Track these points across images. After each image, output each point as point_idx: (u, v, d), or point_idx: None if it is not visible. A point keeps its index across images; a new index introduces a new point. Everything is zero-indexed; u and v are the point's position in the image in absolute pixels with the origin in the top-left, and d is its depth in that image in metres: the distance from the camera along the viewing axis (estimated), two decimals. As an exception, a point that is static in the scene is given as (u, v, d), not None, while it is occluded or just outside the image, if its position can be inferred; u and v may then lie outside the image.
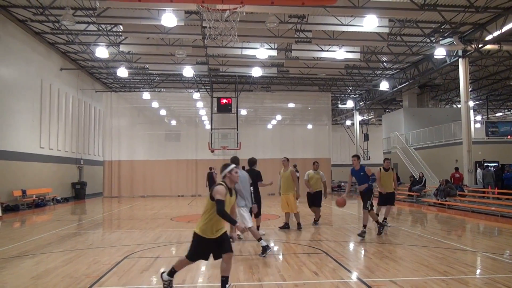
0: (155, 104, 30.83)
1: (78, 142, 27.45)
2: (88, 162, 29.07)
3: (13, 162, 19.10)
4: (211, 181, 20.76)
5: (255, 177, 10.10)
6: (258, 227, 10.34)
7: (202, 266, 7.32)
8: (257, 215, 10.31)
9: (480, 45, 19.80)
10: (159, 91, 32.24)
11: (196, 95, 31.24)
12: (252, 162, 10.41)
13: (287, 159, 11.37)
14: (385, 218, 11.87)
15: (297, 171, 20.77)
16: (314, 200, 12.72)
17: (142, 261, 7.63)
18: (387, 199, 11.89)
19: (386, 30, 19.47)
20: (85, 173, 28.20)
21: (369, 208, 10.22)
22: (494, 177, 20.46)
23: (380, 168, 11.93)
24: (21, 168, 19.86)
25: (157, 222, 14.04)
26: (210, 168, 21.82)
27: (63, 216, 17.27)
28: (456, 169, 21.36)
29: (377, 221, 10.61)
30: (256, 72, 24.76)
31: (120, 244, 9.60)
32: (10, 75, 19.11)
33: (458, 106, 29.85)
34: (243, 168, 10.89)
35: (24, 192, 19.52)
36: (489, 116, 37.09)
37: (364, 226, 10.13)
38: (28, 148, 20.48)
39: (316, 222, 12.85)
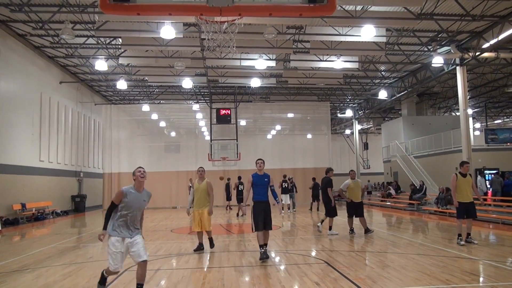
0: (154, 116, 30.88)
1: (78, 155, 27.44)
2: (87, 174, 29.03)
3: (12, 175, 19.07)
4: (228, 190, 22.73)
5: (325, 184, 12.42)
6: (330, 227, 12.59)
7: (203, 278, 7.27)
8: (331, 215, 12.48)
9: (477, 53, 19.89)
10: (158, 103, 32.32)
11: (196, 107, 31.33)
12: (327, 170, 13.08)
13: (203, 170, 9.93)
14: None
15: (241, 183, 21.13)
16: (358, 210, 12.33)
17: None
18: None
19: (384, 39, 19.59)
20: (84, 186, 28.15)
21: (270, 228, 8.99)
22: (502, 184, 20.39)
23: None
24: (21, 181, 19.82)
25: (157, 234, 13.98)
26: (228, 179, 23.18)
27: (62, 229, 17.20)
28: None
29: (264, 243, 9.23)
30: (255, 82, 24.86)
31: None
32: (10, 89, 19.17)
33: (457, 114, 29.90)
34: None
35: (23, 205, 19.47)
36: (488, 123, 37.15)
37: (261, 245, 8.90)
38: (27, 161, 20.46)
39: (365, 231, 12.28)
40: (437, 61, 20.63)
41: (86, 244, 12.27)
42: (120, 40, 19.69)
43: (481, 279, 7.06)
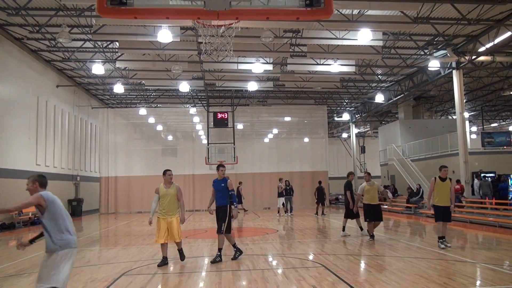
0: (151, 120, 30.84)
1: (75, 159, 27.35)
2: (84, 178, 28.94)
3: (9, 179, 18.98)
4: (239, 194, 23.00)
5: (345, 186, 12.89)
6: (344, 228, 12.84)
7: (201, 282, 7.24)
8: (353, 216, 12.72)
9: (473, 57, 19.98)
10: (155, 107, 32.30)
11: (193, 110, 31.32)
12: (348, 174, 13.47)
13: (171, 173, 8.96)
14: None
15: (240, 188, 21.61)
16: (377, 214, 11.96)
17: (140, 278, 7.56)
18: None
19: (380, 43, 19.65)
20: (81, 190, 28.05)
21: (223, 231, 8.95)
22: (491, 187, 20.46)
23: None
24: (17, 185, 19.69)
25: (154, 238, 13.91)
26: (240, 183, 23.82)
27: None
28: (458, 181, 21.28)
29: (234, 245, 9.28)
30: (252, 86, 24.87)
31: (117, 261, 9.50)
32: (6, 93, 19.11)
33: (454, 117, 29.96)
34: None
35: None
36: (485, 126, 37.30)
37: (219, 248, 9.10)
38: (24, 165, 20.37)
39: (372, 236, 12.00)
40: (434, 64, 20.71)
41: (83, 248, 12.22)
42: (117, 43, 19.68)
43: (478, 282, 7.07)
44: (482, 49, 19.36)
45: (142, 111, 29.98)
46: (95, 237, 15.54)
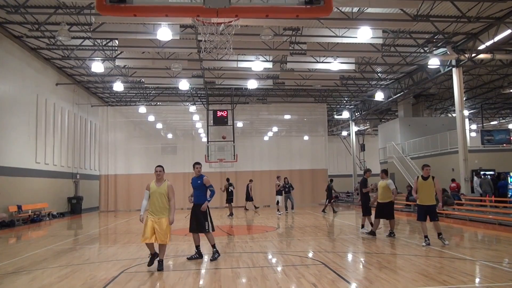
0: (151, 118, 30.83)
1: (74, 157, 27.35)
2: (84, 176, 28.94)
3: (8, 177, 18.99)
4: (248, 192, 23.57)
5: (360, 184, 13.09)
6: (362, 226, 12.95)
7: (200, 280, 7.26)
8: (366, 214, 12.76)
9: (473, 55, 19.98)
10: (155, 105, 32.28)
11: (192, 108, 31.31)
12: (364, 171, 13.53)
13: (162, 169, 8.31)
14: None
15: (230, 185, 21.79)
16: (385, 211, 11.90)
17: (139, 275, 7.56)
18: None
19: (380, 41, 19.64)
20: (81, 188, 28.05)
21: (208, 230, 8.88)
22: (492, 185, 20.49)
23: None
24: (17, 183, 19.74)
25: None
26: (250, 181, 24.10)
27: (58, 231, 17.13)
28: (453, 180, 21.32)
29: (213, 245, 9.02)
30: (252, 84, 24.86)
31: (116, 258, 9.50)
32: (6, 91, 19.09)
33: (453, 115, 29.98)
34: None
35: (19, 207, 19.38)
36: (484, 124, 37.29)
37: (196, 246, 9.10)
38: (23, 163, 20.37)
39: (391, 233, 11.90)
40: (433, 62, 20.70)
41: (83, 246, 12.23)
42: (116, 41, 19.66)
43: (477, 279, 7.07)
44: (482, 46, 19.36)
45: (142, 109, 29.98)
46: (95, 235, 15.54)
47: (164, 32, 16.09)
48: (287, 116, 32.77)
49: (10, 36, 18.98)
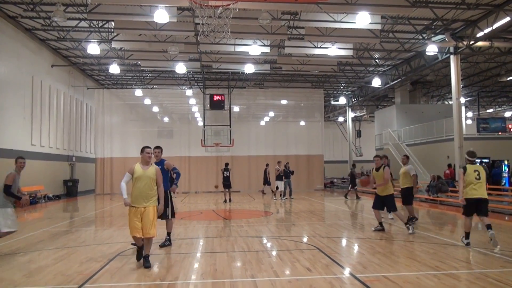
0: (147, 101, 30.70)
1: (70, 139, 27.27)
2: (80, 159, 28.90)
3: (4, 159, 18.92)
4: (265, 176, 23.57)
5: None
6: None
7: (195, 263, 7.32)
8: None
9: (471, 42, 19.92)
10: (151, 88, 32.12)
11: (189, 92, 31.18)
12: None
13: (151, 151, 7.32)
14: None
15: (227, 170, 20.81)
16: (404, 197, 11.86)
17: (135, 258, 7.61)
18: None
19: (379, 26, 19.54)
20: (77, 170, 28.04)
21: (169, 216, 8.57)
22: (488, 172, 20.64)
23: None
24: (12, 165, 19.66)
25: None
26: (267, 165, 23.99)
27: (54, 213, 17.18)
28: (449, 165, 21.47)
29: (169, 233, 8.76)
30: (249, 68, 24.74)
31: (112, 241, 9.56)
32: (1, 72, 18.91)
33: (450, 102, 30.04)
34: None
35: (15, 189, 19.35)
36: (480, 112, 37.41)
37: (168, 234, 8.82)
38: (19, 145, 20.30)
39: (411, 220, 11.43)
40: (431, 49, 20.63)
41: (78, 228, 12.27)
42: (113, 23, 19.46)
43: (470, 266, 7.16)
44: (480, 34, 19.30)
45: (138, 92, 29.83)
46: (91, 218, 15.59)
47: (161, 15, 15.91)
48: (284, 101, 32.71)
49: (5, 16, 18.73)
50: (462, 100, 26.02)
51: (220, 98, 27.66)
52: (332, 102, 39.65)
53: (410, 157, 26.84)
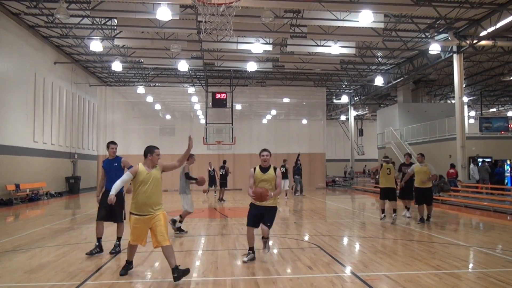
0: (149, 99, 30.72)
1: (72, 136, 27.33)
2: (82, 156, 28.95)
3: (6, 156, 18.99)
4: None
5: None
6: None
7: (197, 260, 7.33)
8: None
9: (474, 41, 19.86)
10: (153, 86, 32.12)
11: (191, 90, 31.18)
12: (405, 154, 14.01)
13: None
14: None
15: (223, 167, 20.75)
16: (425, 197, 11.65)
17: (136, 255, 7.59)
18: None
19: (381, 25, 19.50)
20: (79, 168, 28.10)
21: (122, 220, 7.89)
22: (490, 172, 20.60)
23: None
24: (15, 162, 19.76)
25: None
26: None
27: (56, 210, 17.22)
28: (453, 166, 21.38)
29: (119, 238, 8.03)
30: (251, 66, 24.73)
31: (114, 238, 9.55)
32: (3, 69, 18.95)
33: (453, 101, 29.95)
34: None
35: (17, 186, 19.44)
36: (483, 111, 37.32)
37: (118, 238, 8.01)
38: (21, 142, 20.36)
39: (428, 219, 11.70)
40: (434, 48, 20.59)
41: (80, 225, 12.30)
42: (115, 20, 19.45)
43: (471, 265, 7.16)
44: (483, 33, 19.23)
45: (140, 89, 29.85)
46: (92, 215, 15.56)
47: (164, 12, 15.91)
48: (286, 100, 32.68)
49: (7, 13, 18.75)
50: (465, 99, 25.93)
51: (222, 96, 27.65)
52: (334, 101, 39.60)
53: (413, 156, 26.86)
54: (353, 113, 39.57)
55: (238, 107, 31.26)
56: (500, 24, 17.99)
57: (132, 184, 6.16)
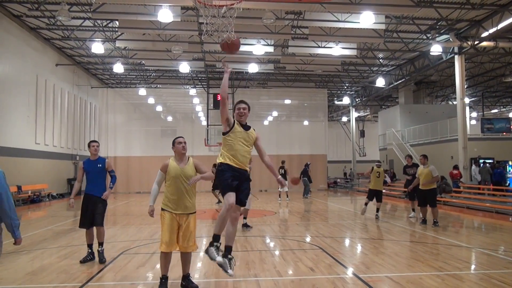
0: (151, 100, 30.75)
1: (74, 138, 27.35)
2: (84, 158, 28.61)
3: (8, 158, 19.01)
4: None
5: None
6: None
7: (198, 262, 7.33)
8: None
9: (476, 42, 19.84)
10: (155, 87, 32.16)
11: (193, 91, 31.21)
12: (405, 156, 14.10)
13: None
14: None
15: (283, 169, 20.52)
16: (428, 199, 11.48)
17: (138, 257, 7.63)
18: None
19: (383, 26, 19.48)
20: (80, 169, 28.09)
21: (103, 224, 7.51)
22: (491, 173, 20.53)
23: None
24: (17, 164, 19.78)
25: (152, 218, 14.00)
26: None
27: (58, 212, 17.23)
28: (455, 167, 21.31)
29: (102, 243, 7.42)
30: (253, 68, 24.74)
31: (115, 240, 9.58)
32: (5, 71, 18.98)
33: (454, 103, 29.93)
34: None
35: (19, 188, 19.46)
36: (485, 113, 37.25)
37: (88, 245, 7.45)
38: (23, 144, 20.38)
39: (435, 223, 11.30)
40: (436, 49, 20.56)
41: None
42: (117, 22, 19.49)
43: (473, 266, 7.14)
44: (485, 34, 19.21)
45: (142, 91, 29.88)
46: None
47: (165, 14, 15.94)
48: (287, 101, 32.69)
49: (9, 15, 18.79)
50: (467, 100, 25.88)
51: (223, 97, 27.62)
52: (336, 102, 39.56)
53: (414, 157, 26.82)
54: (354, 114, 39.54)
55: (239, 108, 31.25)
56: (502, 25, 17.96)
57: (165, 180, 5.72)
